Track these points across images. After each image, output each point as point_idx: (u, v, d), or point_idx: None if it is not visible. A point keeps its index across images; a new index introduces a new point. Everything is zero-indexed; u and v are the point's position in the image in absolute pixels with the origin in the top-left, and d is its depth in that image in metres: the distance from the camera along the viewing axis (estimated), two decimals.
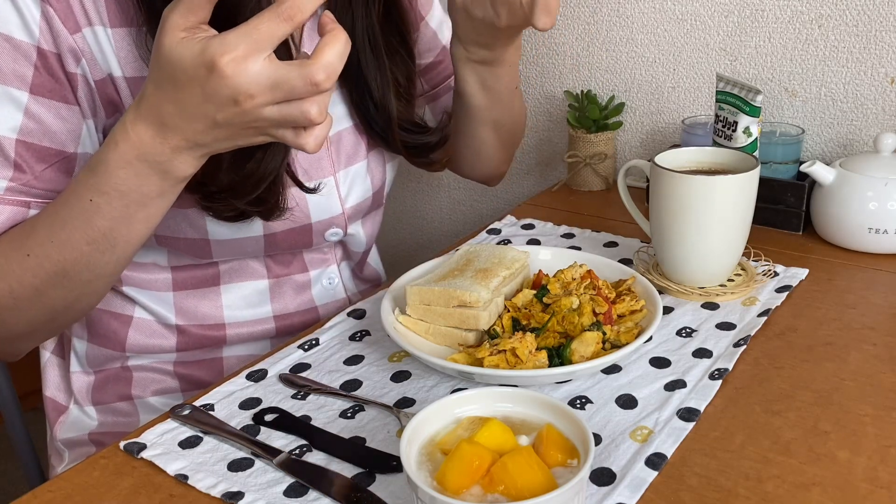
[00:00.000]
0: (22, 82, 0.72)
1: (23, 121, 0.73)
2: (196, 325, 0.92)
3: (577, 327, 0.75)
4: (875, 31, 1.10)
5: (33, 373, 1.04)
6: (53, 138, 0.75)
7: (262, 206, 0.81)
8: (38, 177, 0.75)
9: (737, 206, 0.86)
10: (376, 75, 0.89)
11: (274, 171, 0.79)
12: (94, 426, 0.95)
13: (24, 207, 0.75)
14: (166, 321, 0.92)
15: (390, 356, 0.80)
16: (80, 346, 0.94)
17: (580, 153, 1.27)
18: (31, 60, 0.72)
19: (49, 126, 0.74)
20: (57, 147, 0.75)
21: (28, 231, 0.72)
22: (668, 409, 0.70)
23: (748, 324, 0.83)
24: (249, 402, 0.74)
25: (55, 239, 0.70)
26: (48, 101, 0.74)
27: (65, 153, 0.76)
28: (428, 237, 1.68)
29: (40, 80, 0.73)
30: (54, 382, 0.97)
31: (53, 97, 0.74)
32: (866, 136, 1.15)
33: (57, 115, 0.74)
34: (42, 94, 0.73)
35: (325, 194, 0.89)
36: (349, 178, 0.92)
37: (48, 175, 0.75)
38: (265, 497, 0.61)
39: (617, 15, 1.29)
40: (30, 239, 0.72)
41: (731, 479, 0.62)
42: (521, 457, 0.53)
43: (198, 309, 0.92)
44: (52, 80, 0.73)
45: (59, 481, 0.65)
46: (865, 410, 0.70)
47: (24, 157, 0.73)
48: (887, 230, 0.97)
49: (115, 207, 0.68)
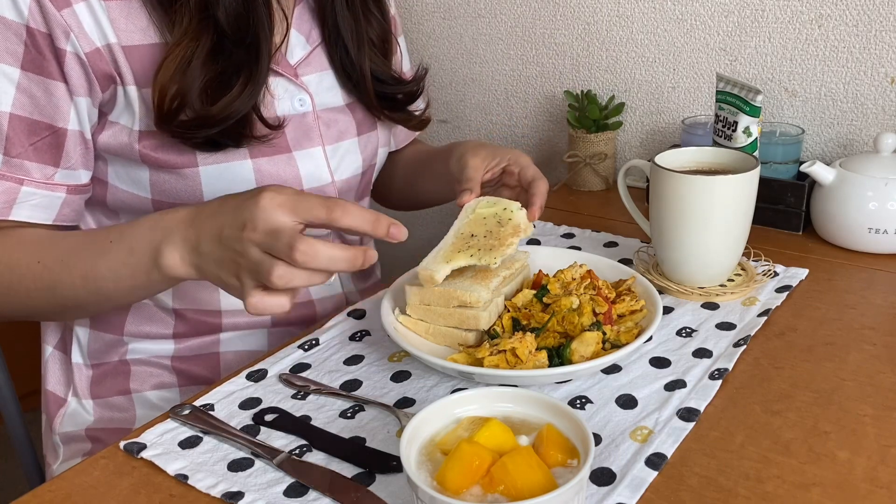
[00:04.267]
0: (14, 59, 0.77)
1: (15, 95, 0.77)
2: (193, 309, 0.94)
3: (577, 327, 0.75)
4: (875, 31, 1.10)
5: (33, 373, 1.04)
6: (43, 112, 0.79)
7: (231, 136, 0.85)
8: (28, 150, 0.79)
9: (737, 206, 0.86)
10: (353, 35, 0.96)
11: (244, 110, 0.83)
12: (90, 421, 0.95)
13: (18, 184, 0.79)
14: (164, 305, 0.93)
15: (390, 356, 0.80)
16: (83, 334, 0.96)
17: (580, 153, 1.27)
18: (22, 38, 0.76)
19: (39, 100, 0.79)
20: (47, 121, 0.79)
21: (55, 242, 0.80)
22: (668, 409, 0.70)
23: (748, 324, 0.83)
24: (249, 402, 0.74)
25: (65, 259, 0.77)
26: (38, 77, 0.78)
27: (55, 127, 0.80)
28: (428, 237, 1.68)
29: (30, 57, 0.77)
30: (55, 376, 0.98)
31: (42, 73, 0.78)
32: (866, 136, 1.15)
33: (46, 91, 0.78)
34: (32, 70, 0.78)
35: (315, 164, 0.93)
36: (339, 153, 0.96)
37: (39, 147, 0.80)
38: (265, 497, 0.61)
39: (617, 15, 1.29)
40: (48, 251, 0.79)
41: (731, 479, 0.62)
42: (521, 457, 0.53)
43: (196, 294, 0.93)
44: (41, 58, 0.77)
45: (59, 481, 0.65)
46: (865, 410, 0.70)
47: (16, 130, 0.78)
48: (887, 230, 0.97)
49: (117, 256, 0.75)
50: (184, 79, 0.78)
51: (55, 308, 0.82)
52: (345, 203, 0.66)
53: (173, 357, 0.95)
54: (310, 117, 0.93)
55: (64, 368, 0.98)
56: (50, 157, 0.80)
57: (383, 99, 1.00)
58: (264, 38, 0.83)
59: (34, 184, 0.80)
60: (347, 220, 0.65)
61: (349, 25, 0.95)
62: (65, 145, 0.81)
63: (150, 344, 0.95)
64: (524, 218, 0.83)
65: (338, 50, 0.96)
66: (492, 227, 0.82)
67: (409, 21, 1.52)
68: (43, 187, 0.81)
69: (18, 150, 0.79)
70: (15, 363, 1.10)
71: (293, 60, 0.92)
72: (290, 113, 0.91)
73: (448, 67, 1.51)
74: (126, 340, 0.95)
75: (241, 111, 0.82)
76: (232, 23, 0.81)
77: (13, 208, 0.80)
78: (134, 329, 0.94)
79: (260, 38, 0.83)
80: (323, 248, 0.64)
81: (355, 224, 0.66)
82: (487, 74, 1.48)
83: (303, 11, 0.95)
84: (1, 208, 0.79)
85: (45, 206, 0.82)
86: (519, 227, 0.82)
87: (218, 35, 0.80)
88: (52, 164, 0.81)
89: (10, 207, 0.79)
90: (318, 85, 0.94)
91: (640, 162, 0.94)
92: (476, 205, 0.87)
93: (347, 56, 0.96)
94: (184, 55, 0.79)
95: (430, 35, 1.52)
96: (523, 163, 0.93)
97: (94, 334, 0.95)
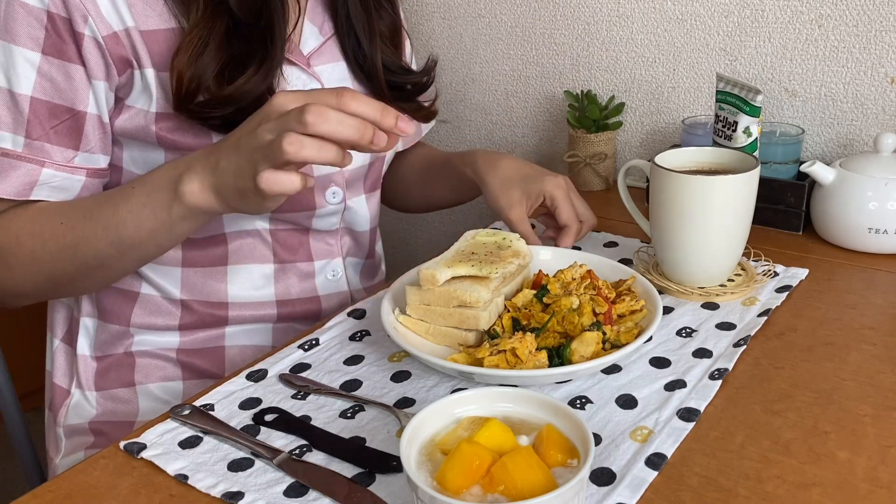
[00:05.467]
0: (35, 44, 0.79)
1: (36, 79, 0.79)
2: (200, 300, 0.94)
3: (577, 327, 0.75)
4: (875, 31, 1.10)
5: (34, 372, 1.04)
6: (63, 95, 0.81)
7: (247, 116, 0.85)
8: (49, 133, 0.81)
9: (737, 206, 0.86)
10: (364, 28, 0.98)
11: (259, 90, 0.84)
12: (94, 414, 0.96)
13: (39, 166, 0.81)
14: (171, 296, 0.94)
15: (390, 356, 0.80)
16: (90, 323, 0.96)
17: (580, 153, 1.27)
18: (43, 23, 0.78)
19: (59, 84, 0.80)
20: (67, 104, 0.81)
21: (77, 202, 0.82)
22: (668, 409, 0.70)
23: (748, 324, 0.83)
24: (249, 402, 0.74)
25: (87, 213, 0.80)
26: (58, 62, 0.80)
27: (74, 110, 0.82)
28: (428, 237, 1.68)
29: (51, 42, 0.79)
30: (61, 369, 0.99)
31: (62, 57, 0.80)
32: (866, 136, 1.15)
33: (66, 75, 0.80)
34: (52, 55, 0.79)
35: None
36: None
37: (60, 131, 0.81)
38: (265, 497, 0.61)
39: (617, 15, 1.29)
40: (71, 209, 0.81)
41: (731, 479, 0.62)
42: (521, 457, 0.53)
43: (204, 286, 0.94)
44: (61, 42, 0.79)
45: (59, 481, 0.65)
46: (865, 410, 0.70)
47: (37, 113, 0.80)
48: (887, 230, 0.97)
49: (138, 198, 0.77)
50: (199, 63, 0.81)
51: (79, 270, 0.82)
52: (352, 90, 0.67)
53: (178, 350, 0.96)
54: None
55: (70, 361, 0.98)
56: (70, 141, 0.82)
57: (393, 89, 1.01)
58: (278, 22, 0.85)
59: (55, 166, 0.82)
60: (355, 105, 0.66)
61: (361, 18, 0.98)
62: (84, 128, 0.83)
63: (155, 336, 0.96)
64: (524, 247, 0.86)
65: (350, 42, 0.98)
66: (492, 249, 0.85)
67: (409, 21, 1.52)
68: (64, 170, 0.82)
69: (39, 132, 0.80)
70: (15, 363, 1.10)
71: (306, 51, 0.94)
72: None
73: (448, 67, 1.51)
74: (132, 332, 0.95)
75: (257, 92, 0.84)
76: (245, 9, 0.83)
77: (34, 189, 0.81)
78: (140, 321, 0.95)
79: (274, 22, 0.85)
80: (333, 111, 0.65)
81: (363, 109, 0.66)
82: (487, 74, 1.48)
83: (316, 3, 0.96)
84: (22, 189, 0.81)
85: (65, 189, 0.83)
86: (519, 253, 0.84)
87: (232, 20, 0.82)
88: (73, 147, 0.82)
89: (31, 188, 0.81)
90: (329, 75, 0.96)
91: (640, 162, 0.94)
92: (476, 234, 0.89)
93: (360, 48, 0.98)
94: (199, 40, 0.81)
95: (430, 35, 1.52)
96: (558, 198, 0.98)
97: (100, 325, 0.96)
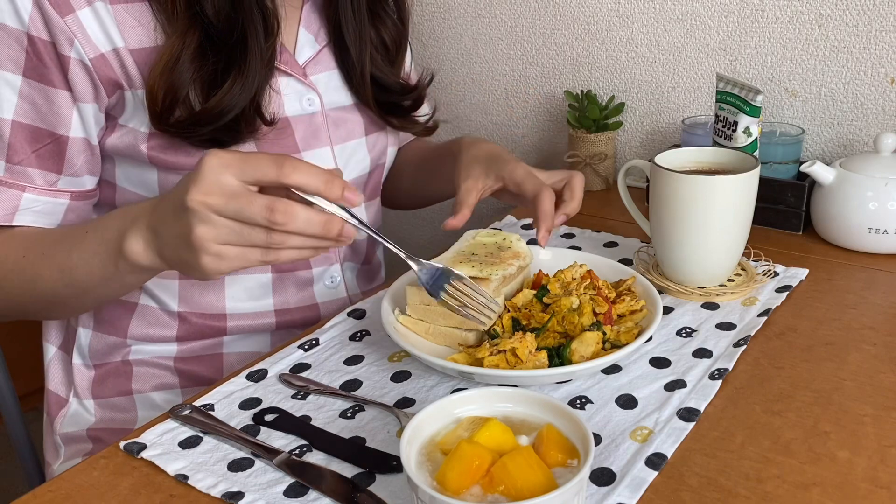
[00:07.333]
0: (16, 66, 0.77)
1: (17, 102, 0.77)
2: (198, 313, 0.93)
3: (577, 327, 0.75)
4: (875, 31, 1.10)
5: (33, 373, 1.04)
6: (45, 119, 0.79)
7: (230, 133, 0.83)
8: (30, 157, 0.79)
9: (737, 206, 0.86)
10: (355, 36, 0.95)
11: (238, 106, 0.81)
12: (92, 422, 0.95)
13: (20, 191, 0.79)
14: (169, 308, 0.93)
15: (390, 356, 0.80)
16: (85, 335, 0.96)
17: (580, 153, 1.27)
18: (23, 45, 0.76)
19: (40, 108, 0.78)
20: (49, 128, 0.79)
21: (41, 236, 0.79)
22: (668, 409, 0.70)
23: (748, 324, 0.83)
24: (249, 402, 0.74)
25: (45, 252, 0.77)
26: (39, 85, 0.78)
27: (56, 135, 0.80)
28: (428, 237, 1.68)
29: (31, 65, 0.77)
30: (57, 377, 0.98)
31: (43, 81, 0.78)
32: (866, 136, 1.15)
33: (47, 99, 0.78)
34: (33, 78, 0.77)
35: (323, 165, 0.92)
36: (346, 153, 0.97)
37: (42, 154, 0.80)
38: (265, 497, 0.61)
39: (617, 15, 1.29)
40: (33, 244, 0.78)
41: (731, 479, 0.62)
42: (521, 457, 0.53)
43: (201, 298, 0.93)
44: (42, 66, 0.77)
45: (59, 481, 0.65)
46: (865, 410, 0.70)
47: (18, 137, 0.78)
48: (887, 230, 0.97)
49: (90, 245, 0.74)
50: (172, 76, 0.78)
51: (38, 304, 0.81)
52: (294, 159, 0.62)
53: (176, 358, 0.95)
54: (318, 117, 0.93)
55: (66, 369, 0.98)
56: (52, 164, 0.80)
57: (385, 104, 0.99)
58: (252, 34, 0.82)
59: (37, 190, 0.80)
60: (297, 177, 0.61)
61: (353, 26, 0.95)
62: (66, 153, 0.81)
63: (153, 346, 0.95)
64: (525, 248, 0.86)
65: (341, 49, 0.96)
66: (492, 250, 0.85)
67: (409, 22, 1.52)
68: (46, 194, 0.81)
69: (21, 157, 0.78)
70: (15, 363, 1.10)
71: (302, 60, 0.93)
72: (300, 113, 0.91)
73: (448, 67, 1.51)
74: (129, 343, 0.94)
75: (238, 107, 0.81)
76: (219, 20, 0.80)
77: (16, 215, 0.80)
78: (138, 332, 0.94)
79: (248, 34, 0.82)
80: (300, 208, 0.61)
81: (306, 181, 0.61)
82: (487, 74, 1.48)
83: (311, 11, 0.95)
84: (4, 216, 0.79)
85: (48, 213, 0.81)
86: (519, 254, 0.84)
87: (205, 32, 0.80)
88: (55, 170, 0.81)
89: (12, 214, 0.79)
90: (326, 84, 0.94)
91: (640, 162, 0.94)
92: (476, 234, 0.89)
93: (349, 57, 0.95)
94: (171, 52, 0.78)
95: (430, 35, 1.52)
96: (518, 178, 0.90)
97: (96, 336, 0.95)
